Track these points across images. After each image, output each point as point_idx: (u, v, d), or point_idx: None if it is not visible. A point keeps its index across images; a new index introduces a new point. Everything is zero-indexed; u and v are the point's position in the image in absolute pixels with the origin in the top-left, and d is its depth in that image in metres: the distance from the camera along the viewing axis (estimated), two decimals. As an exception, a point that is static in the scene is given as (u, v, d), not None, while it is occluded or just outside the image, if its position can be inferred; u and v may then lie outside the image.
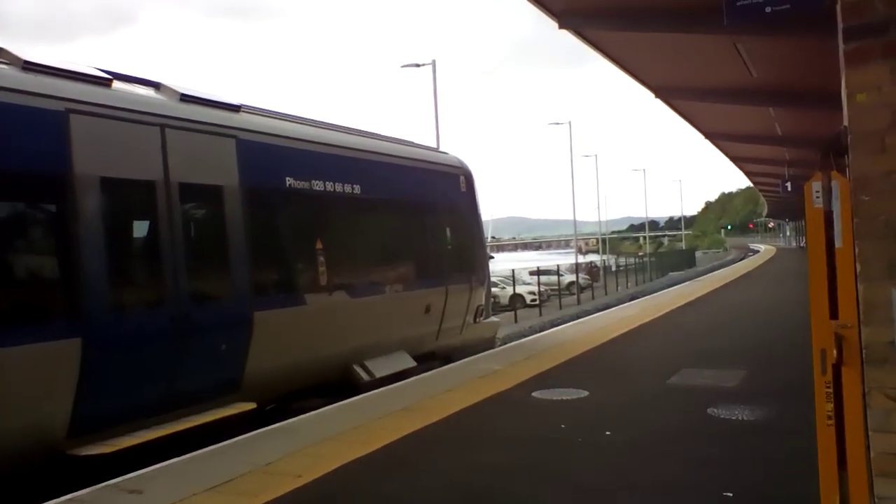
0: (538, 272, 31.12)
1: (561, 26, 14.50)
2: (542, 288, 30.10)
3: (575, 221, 53.77)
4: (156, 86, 8.03)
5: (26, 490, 6.12)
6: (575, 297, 32.48)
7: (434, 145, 21.18)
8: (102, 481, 5.74)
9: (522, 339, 15.13)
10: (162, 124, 7.38)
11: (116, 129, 6.95)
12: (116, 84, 7.37)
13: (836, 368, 3.32)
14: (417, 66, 29.23)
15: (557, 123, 51.59)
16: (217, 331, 7.74)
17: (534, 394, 8.43)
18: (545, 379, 9.32)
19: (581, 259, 53.64)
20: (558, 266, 35.89)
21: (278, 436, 7.04)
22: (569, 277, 36.27)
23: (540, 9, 13.91)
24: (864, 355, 3.15)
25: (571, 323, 17.65)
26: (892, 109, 3.05)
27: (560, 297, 30.60)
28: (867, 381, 3.12)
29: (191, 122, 7.75)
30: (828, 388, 3.37)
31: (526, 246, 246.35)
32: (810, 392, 3.47)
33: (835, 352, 3.30)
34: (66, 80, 6.75)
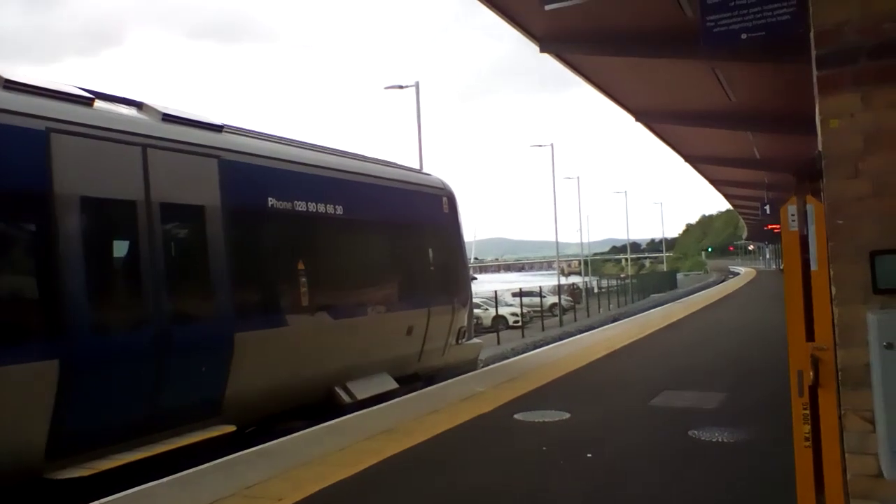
0: (521, 293, 31.14)
1: (542, 50, 14.67)
2: (525, 309, 30.13)
3: (557, 243, 54.01)
4: (138, 105, 8.02)
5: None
6: (557, 318, 32.53)
7: (417, 166, 21.26)
8: (78, 505, 5.65)
9: (505, 361, 15.13)
10: (144, 144, 7.36)
11: (98, 149, 6.92)
12: (98, 104, 7.35)
13: (813, 390, 3.36)
14: (401, 87, 29.38)
15: (540, 145, 52.15)
16: (197, 352, 7.68)
17: (516, 416, 8.42)
18: (527, 401, 9.32)
19: (563, 280, 53.82)
20: (541, 287, 35.98)
21: (259, 458, 6.97)
22: (551, 299, 36.34)
23: (522, 32, 14.08)
24: (840, 377, 3.18)
25: (554, 345, 17.68)
26: (864, 135, 3.12)
27: (543, 319, 30.64)
28: (843, 403, 3.16)
29: (173, 142, 7.73)
30: (805, 409, 3.40)
31: (509, 267, 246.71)
32: (788, 413, 3.50)
33: (811, 374, 3.34)
34: (48, 100, 6.72)
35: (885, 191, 3.07)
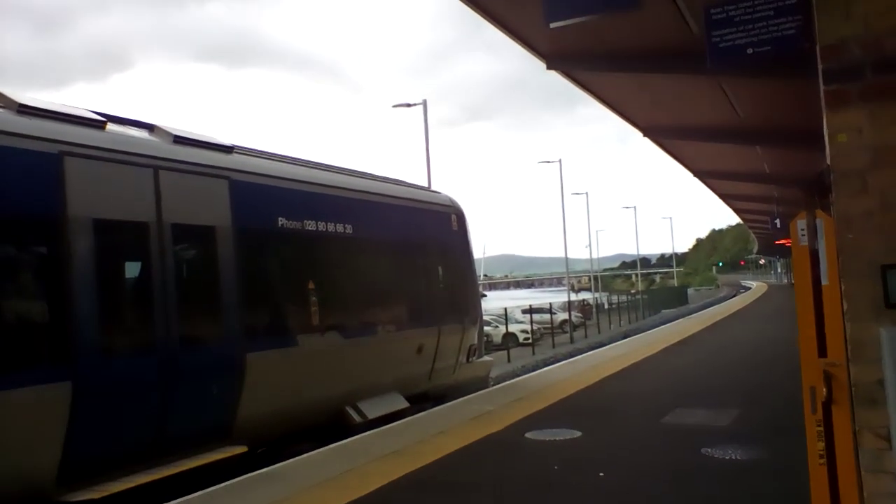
0: (531, 310, 31.01)
1: (549, 67, 14.75)
2: (535, 326, 30.00)
3: (567, 259, 53.87)
4: (149, 128, 8.09)
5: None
6: (568, 335, 32.38)
7: (426, 184, 21.29)
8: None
9: (515, 379, 15.06)
10: (155, 166, 7.42)
11: (110, 171, 6.98)
12: (110, 126, 7.42)
13: (827, 407, 3.33)
14: (409, 105, 29.53)
15: (548, 162, 51.93)
16: (209, 373, 7.68)
17: (527, 435, 8.36)
18: (538, 419, 9.26)
19: (573, 297, 53.62)
20: (551, 304, 35.82)
21: (269, 480, 6.95)
22: (561, 315, 36.19)
23: (529, 50, 14.16)
24: (853, 394, 3.15)
25: (564, 362, 17.58)
26: (872, 150, 3.11)
27: (553, 336, 30.51)
28: (857, 420, 3.13)
29: (184, 163, 7.79)
30: (819, 426, 3.37)
31: (518, 284, 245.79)
32: (802, 430, 3.47)
33: (824, 390, 3.31)
34: (61, 123, 6.79)
35: (894, 206, 3.06)
